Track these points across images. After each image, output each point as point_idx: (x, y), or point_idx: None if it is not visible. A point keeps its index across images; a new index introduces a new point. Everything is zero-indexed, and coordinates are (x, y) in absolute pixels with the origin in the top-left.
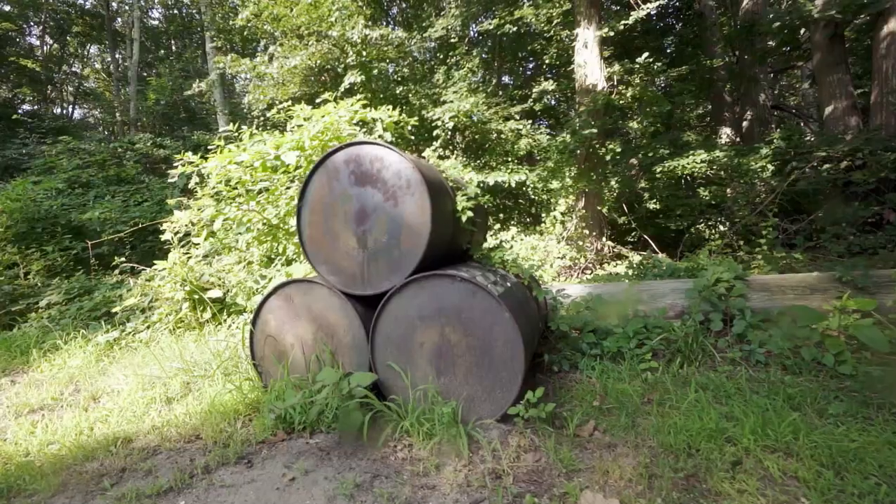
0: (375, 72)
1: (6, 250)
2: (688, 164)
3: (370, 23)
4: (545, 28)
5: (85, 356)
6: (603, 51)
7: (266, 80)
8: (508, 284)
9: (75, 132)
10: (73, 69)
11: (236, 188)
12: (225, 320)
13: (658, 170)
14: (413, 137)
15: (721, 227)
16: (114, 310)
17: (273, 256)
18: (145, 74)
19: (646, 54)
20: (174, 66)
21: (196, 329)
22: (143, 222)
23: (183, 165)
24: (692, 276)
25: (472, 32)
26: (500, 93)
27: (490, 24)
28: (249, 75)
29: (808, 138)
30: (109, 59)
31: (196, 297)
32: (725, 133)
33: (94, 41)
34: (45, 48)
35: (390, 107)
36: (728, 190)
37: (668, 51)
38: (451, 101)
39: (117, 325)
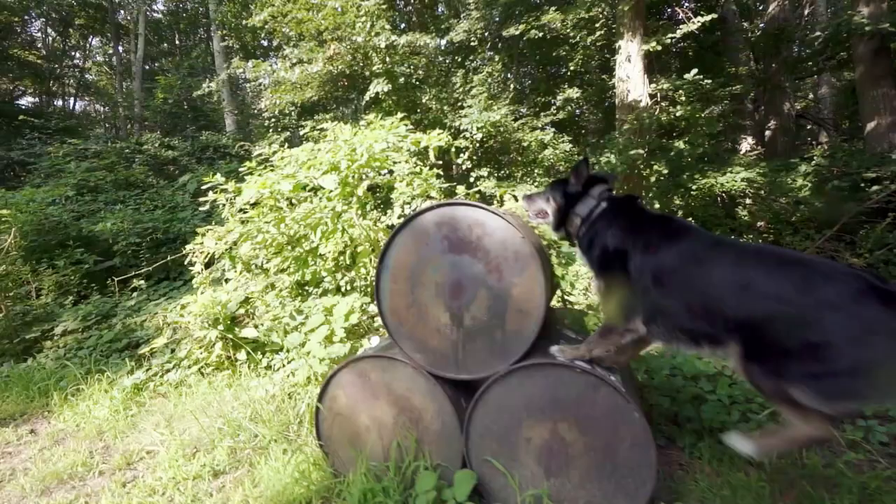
0: (402, 80)
1: (15, 265)
2: (726, 181)
3: (391, 27)
4: (571, 34)
5: (111, 404)
6: (646, 65)
7: (284, 84)
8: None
9: (79, 130)
10: (75, 61)
11: (266, 212)
12: (260, 360)
13: (694, 187)
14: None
15: None
16: (141, 351)
17: (303, 283)
18: (146, 67)
19: (694, 71)
20: (182, 64)
21: (229, 369)
22: (158, 234)
23: (215, 191)
24: None
25: (487, 35)
26: (524, 100)
27: (517, 28)
28: (268, 79)
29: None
30: (111, 51)
31: (230, 336)
32: (747, 142)
33: (97, 33)
34: (47, 40)
35: (439, 130)
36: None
37: (689, 55)
38: (476, 111)
39: (141, 363)
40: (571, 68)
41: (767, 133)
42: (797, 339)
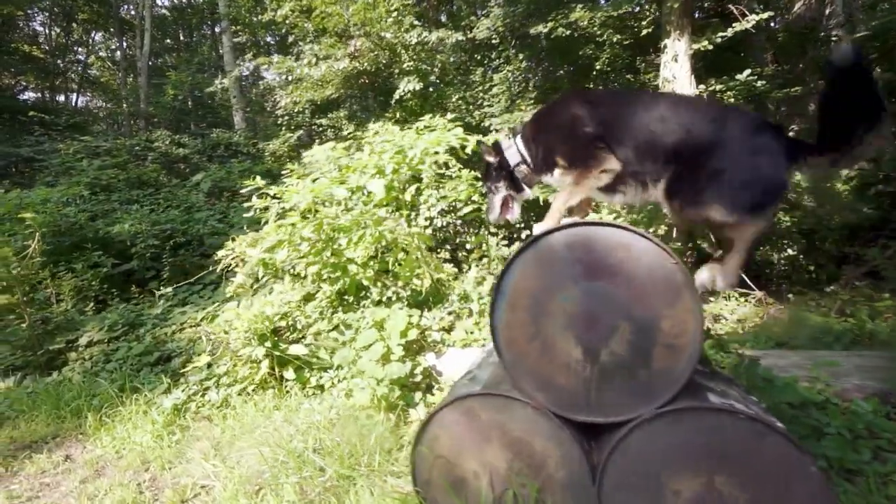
0: (432, 78)
1: (31, 268)
2: None
3: (421, 22)
4: (598, 32)
5: (153, 428)
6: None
7: (306, 81)
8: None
9: (85, 126)
10: (78, 56)
11: (312, 217)
12: (308, 378)
13: None
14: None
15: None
16: (184, 369)
17: (343, 293)
18: (150, 63)
19: (747, 71)
20: (191, 61)
21: (274, 388)
22: (178, 235)
23: (260, 197)
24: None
25: (507, 34)
26: (547, 99)
27: (545, 26)
28: (281, 76)
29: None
30: (114, 46)
31: (276, 353)
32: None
33: (100, 28)
34: (50, 34)
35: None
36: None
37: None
38: (496, 110)
39: (177, 380)
40: (598, 67)
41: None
42: (708, 167)
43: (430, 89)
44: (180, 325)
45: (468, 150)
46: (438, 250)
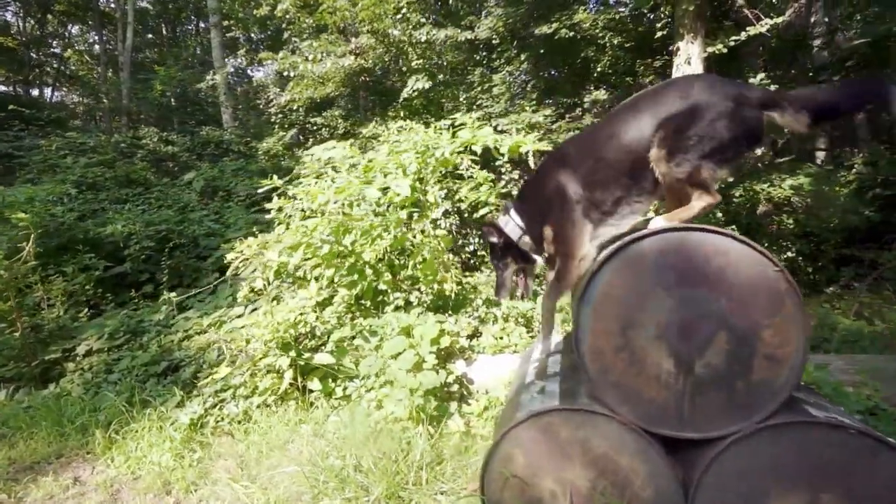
0: (441, 76)
1: (22, 272)
2: (772, 189)
3: (429, 19)
4: (600, 34)
5: (171, 445)
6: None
7: (307, 78)
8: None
9: (66, 122)
10: (53, 50)
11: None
12: (333, 389)
13: (737, 194)
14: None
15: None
16: (194, 381)
17: (361, 297)
18: (132, 58)
19: (761, 75)
20: (179, 57)
21: (297, 400)
22: (173, 236)
23: (282, 197)
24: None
25: (507, 34)
26: (547, 101)
27: (549, 27)
28: (292, 71)
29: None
30: (92, 40)
31: (301, 363)
32: (757, 149)
33: (78, 20)
34: (24, 26)
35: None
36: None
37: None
38: (496, 111)
39: (189, 392)
40: (599, 70)
41: (780, 142)
42: (698, 135)
43: (438, 88)
44: (186, 333)
45: (502, 151)
46: (458, 254)
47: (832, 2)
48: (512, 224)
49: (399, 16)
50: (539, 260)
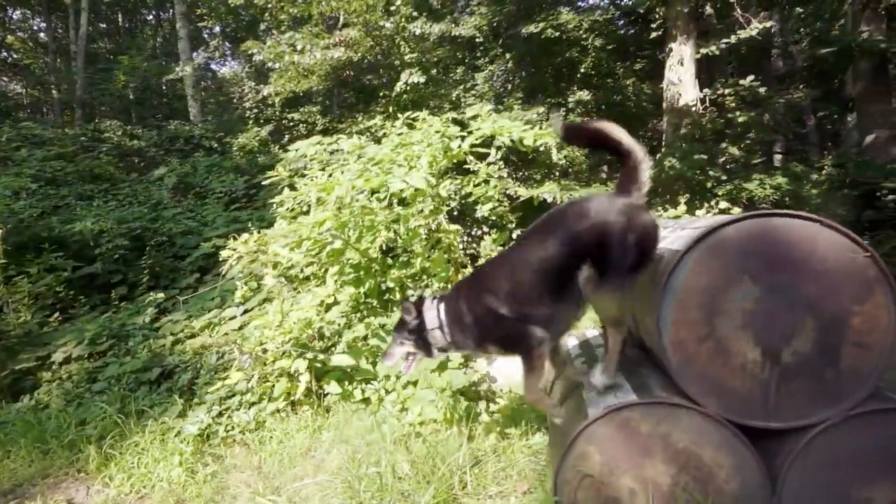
0: (434, 71)
1: None
2: (754, 188)
3: (417, 13)
4: (584, 36)
5: (180, 459)
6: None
7: (291, 70)
8: None
9: (10, 112)
10: None
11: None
12: (350, 392)
13: (721, 192)
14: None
15: None
16: (206, 391)
17: (367, 295)
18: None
19: (751, 77)
20: (143, 47)
21: (314, 404)
22: (148, 234)
23: (290, 189)
24: None
25: (490, 33)
26: (531, 101)
27: (536, 26)
28: (276, 62)
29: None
30: (37, 27)
31: (318, 365)
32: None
33: (20, 4)
34: None
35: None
36: None
37: None
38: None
39: (190, 401)
40: (582, 70)
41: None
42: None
43: (427, 84)
44: (176, 336)
45: (526, 143)
46: (466, 250)
47: (784, 16)
48: (433, 314)
49: (393, 7)
50: (436, 355)
